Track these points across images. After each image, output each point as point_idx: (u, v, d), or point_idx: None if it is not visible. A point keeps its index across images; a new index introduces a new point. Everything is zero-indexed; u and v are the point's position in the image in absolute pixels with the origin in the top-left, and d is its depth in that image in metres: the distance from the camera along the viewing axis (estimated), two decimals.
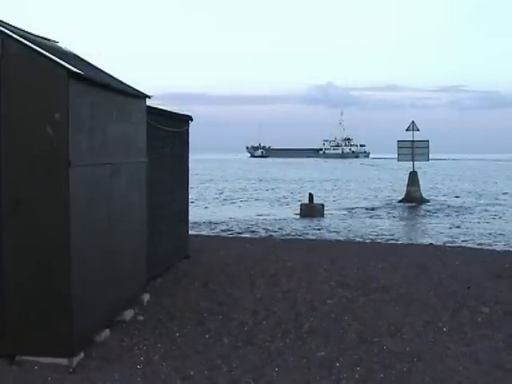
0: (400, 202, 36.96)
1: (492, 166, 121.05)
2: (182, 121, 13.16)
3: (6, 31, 6.66)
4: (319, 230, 24.15)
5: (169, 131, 11.81)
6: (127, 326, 8.28)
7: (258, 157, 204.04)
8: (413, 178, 37.64)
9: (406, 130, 37.75)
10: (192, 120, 13.53)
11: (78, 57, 8.81)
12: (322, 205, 31.94)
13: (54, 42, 8.75)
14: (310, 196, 31.65)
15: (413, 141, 37.81)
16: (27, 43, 6.65)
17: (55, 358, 6.67)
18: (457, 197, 42.64)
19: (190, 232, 14.57)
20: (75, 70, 6.65)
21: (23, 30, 7.48)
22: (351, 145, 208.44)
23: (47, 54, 6.63)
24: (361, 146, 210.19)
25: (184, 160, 13.37)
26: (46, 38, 8.35)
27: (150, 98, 9.59)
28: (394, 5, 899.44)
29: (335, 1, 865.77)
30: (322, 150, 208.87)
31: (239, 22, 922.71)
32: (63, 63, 6.60)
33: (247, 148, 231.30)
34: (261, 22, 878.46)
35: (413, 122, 37.56)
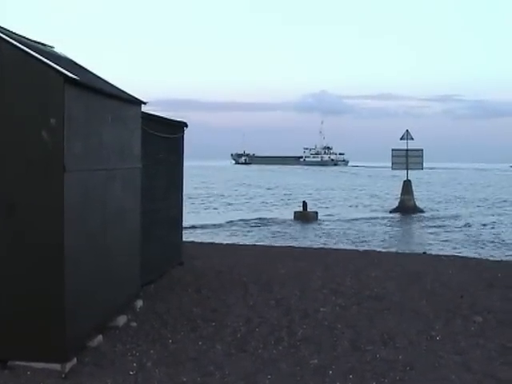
0: (394, 210, 37.02)
1: (489, 175, 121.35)
2: (177, 127, 13.17)
3: (2, 36, 6.67)
4: (313, 237, 24.17)
5: (164, 137, 11.81)
6: (120, 332, 8.26)
7: (242, 164, 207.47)
8: (406, 186, 37.74)
9: (401, 138, 37.86)
10: (187, 126, 13.54)
11: (74, 62, 8.83)
12: (316, 212, 32.03)
13: (50, 47, 8.76)
14: (304, 204, 31.73)
15: (407, 150, 37.92)
16: (23, 48, 6.66)
17: (48, 364, 6.66)
18: (450, 206, 42.75)
19: (184, 238, 14.56)
20: (71, 75, 6.66)
21: (19, 35, 7.48)
22: (331, 153, 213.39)
23: (43, 58, 6.63)
24: (340, 154, 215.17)
25: (178, 166, 13.37)
26: (42, 43, 8.35)
27: (145, 104, 9.60)
28: (389, 13, 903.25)
29: (331, 8, 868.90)
30: (302, 157, 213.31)
31: (237, 27, 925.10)
32: (59, 68, 6.60)
33: (232, 155, 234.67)
34: (259, 27, 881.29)
35: (407, 130, 37.70)
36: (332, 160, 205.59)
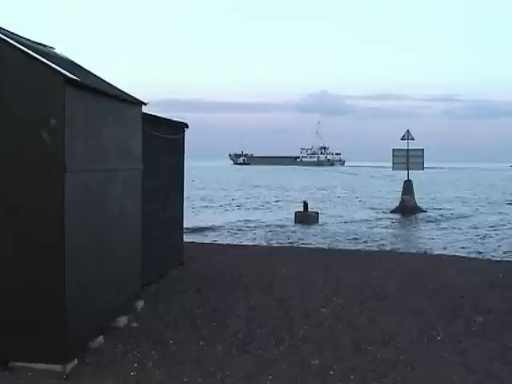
0: (394, 210, 36.95)
1: (488, 174, 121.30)
2: (177, 128, 13.17)
3: (3, 37, 6.67)
4: (314, 237, 24.16)
5: (164, 138, 11.80)
6: (121, 333, 8.26)
7: (240, 164, 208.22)
8: (407, 186, 37.66)
9: (401, 138, 37.77)
10: (188, 127, 13.54)
11: (74, 63, 8.83)
12: (317, 213, 31.96)
13: (51, 47, 8.76)
14: (305, 204, 31.67)
15: (408, 149, 37.84)
16: (24, 49, 6.66)
17: (49, 364, 6.66)
18: (451, 205, 42.71)
19: (185, 239, 14.55)
20: (72, 76, 6.67)
21: (20, 36, 7.49)
22: (327, 153, 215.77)
23: (44, 59, 6.64)
24: (336, 154, 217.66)
25: (179, 167, 13.37)
26: (42, 44, 8.36)
27: (145, 104, 9.59)
28: (389, 13, 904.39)
29: (332, 8, 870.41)
30: (299, 157, 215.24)
31: (238, 27, 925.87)
32: (60, 69, 6.61)
33: (230, 155, 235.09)
34: (259, 27, 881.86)
35: (408, 130, 37.61)
36: (328, 160, 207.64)
